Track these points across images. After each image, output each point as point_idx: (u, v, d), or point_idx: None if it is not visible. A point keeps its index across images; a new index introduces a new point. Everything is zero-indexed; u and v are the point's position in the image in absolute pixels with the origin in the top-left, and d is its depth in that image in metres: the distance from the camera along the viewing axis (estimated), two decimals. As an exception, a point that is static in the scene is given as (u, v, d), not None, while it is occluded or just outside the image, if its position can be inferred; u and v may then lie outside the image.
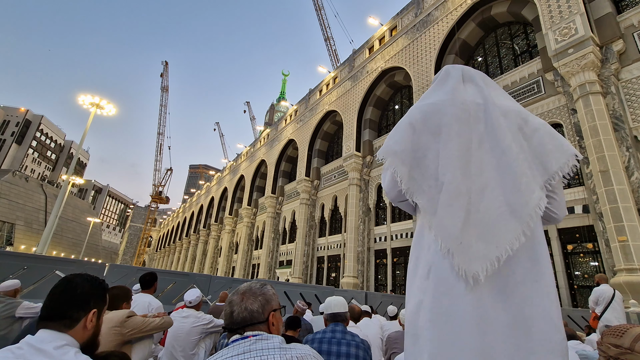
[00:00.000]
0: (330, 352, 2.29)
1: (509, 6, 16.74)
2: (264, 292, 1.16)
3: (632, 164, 11.21)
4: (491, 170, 1.12)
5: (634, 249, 10.05)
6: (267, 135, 40.04)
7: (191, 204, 64.05)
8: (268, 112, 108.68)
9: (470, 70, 1.35)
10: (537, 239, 1.07)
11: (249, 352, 0.99)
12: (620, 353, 1.00)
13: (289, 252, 29.78)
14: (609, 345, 1.05)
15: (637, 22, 12.37)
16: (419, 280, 1.13)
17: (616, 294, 5.71)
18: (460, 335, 0.98)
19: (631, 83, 12.08)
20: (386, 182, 1.31)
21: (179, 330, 3.11)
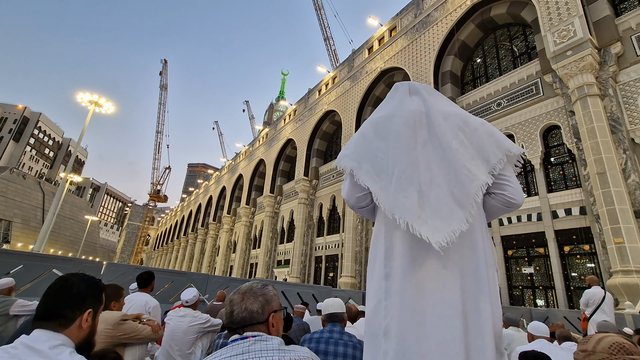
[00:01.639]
0: (327, 352, 2.30)
1: (508, 7, 16.78)
2: (264, 292, 1.15)
3: (629, 166, 11.26)
4: (436, 166, 1.23)
5: (630, 250, 10.10)
6: (266, 134, 40.02)
7: (189, 202, 63.96)
8: (267, 111, 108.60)
9: (416, 84, 1.47)
10: (476, 226, 1.18)
11: (248, 353, 0.98)
12: (586, 356, 1.10)
13: (287, 252, 29.79)
14: (578, 351, 1.17)
15: (635, 25, 12.43)
16: (377, 281, 1.21)
17: (607, 296, 5.75)
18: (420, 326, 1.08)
19: (629, 86, 12.14)
20: (345, 190, 1.41)
21: (176, 330, 3.11)
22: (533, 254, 14.01)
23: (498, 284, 1.23)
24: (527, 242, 14.16)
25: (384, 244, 1.24)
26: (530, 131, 14.64)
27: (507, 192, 1.24)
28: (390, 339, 1.10)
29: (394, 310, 1.13)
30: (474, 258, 1.16)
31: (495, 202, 1.27)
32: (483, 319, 1.09)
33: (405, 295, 1.13)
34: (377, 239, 1.30)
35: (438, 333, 1.06)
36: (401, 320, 1.10)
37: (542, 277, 13.55)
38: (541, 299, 13.49)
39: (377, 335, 1.14)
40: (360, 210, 1.42)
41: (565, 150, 13.73)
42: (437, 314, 1.09)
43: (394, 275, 1.17)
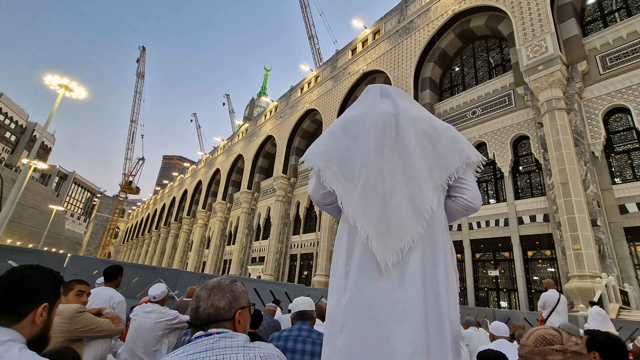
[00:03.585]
0: (295, 350, 2.31)
1: (486, 20, 17.42)
2: (233, 289, 1.13)
3: (588, 177, 12.00)
4: (399, 172, 1.27)
5: (586, 257, 10.78)
6: (246, 129, 39.45)
7: (163, 195, 62.02)
8: (248, 106, 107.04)
9: (388, 87, 1.50)
10: (436, 230, 1.23)
11: (212, 350, 0.96)
12: (521, 348, 1.21)
13: (262, 249, 29.53)
14: (520, 345, 1.27)
15: (599, 46, 13.24)
16: (338, 279, 1.23)
17: (561, 299, 6.12)
18: (377, 324, 1.10)
19: (592, 102, 12.93)
20: (311, 187, 1.42)
21: (141, 326, 3.02)
22: (499, 257, 14.66)
23: (458, 285, 1.27)
24: (494, 246, 14.79)
25: (346, 242, 1.26)
26: (501, 140, 15.28)
27: (466, 196, 1.29)
28: (345, 336, 1.12)
29: (350, 307, 1.15)
30: (434, 258, 1.20)
31: (454, 205, 1.32)
32: (442, 318, 1.12)
33: (363, 293, 1.15)
34: (340, 237, 1.32)
35: (397, 331, 1.08)
36: (357, 318, 1.13)
37: (507, 279, 14.20)
38: (505, 300, 14.14)
39: (335, 333, 1.16)
40: (325, 207, 1.44)
41: (533, 159, 14.44)
42: (396, 312, 1.11)
43: (353, 274, 1.19)
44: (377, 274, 1.16)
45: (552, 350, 0.98)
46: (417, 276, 1.15)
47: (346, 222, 1.28)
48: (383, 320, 1.11)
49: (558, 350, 0.97)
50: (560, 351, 0.97)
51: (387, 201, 1.23)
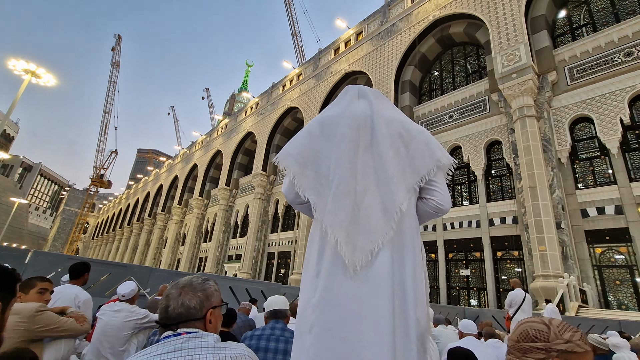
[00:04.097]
0: (268, 348, 2.30)
1: (465, 27, 17.95)
2: (204, 287, 1.10)
3: (555, 182, 12.65)
4: (372, 173, 1.29)
5: (550, 258, 11.37)
6: (226, 125, 38.76)
7: (136, 190, 59.90)
8: (228, 101, 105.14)
9: (365, 88, 1.53)
10: (405, 231, 1.26)
11: (180, 351, 0.93)
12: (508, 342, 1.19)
13: (239, 247, 29.16)
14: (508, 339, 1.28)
15: (567, 58, 13.97)
16: (309, 278, 1.24)
17: (526, 297, 6.44)
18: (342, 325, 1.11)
19: (559, 111, 13.62)
20: (285, 186, 1.43)
21: (109, 325, 2.91)
22: (470, 257, 15.19)
23: (427, 285, 1.31)
24: (466, 246, 15.31)
25: (318, 241, 1.27)
26: (476, 144, 15.82)
27: (436, 198, 1.32)
28: (314, 336, 1.13)
29: (320, 307, 1.15)
30: (403, 259, 1.22)
31: (425, 207, 1.35)
32: (408, 318, 1.15)
33: (333, 293, 1.16)
34: (313, 236, 1.32)
35: (365, 331, 1.10)
36: (326, 318, 1.13)
37: (477, 279, 14.75)
38: (475, 299, 14.68)
39: (304, 332, 1.16)
40: (298, 206, 1.45)
41: (504, 164, 15.05)
42: (364, 312, 1.12)
43: (324, 273, 1.20)
44: (347, 274, 1.17)
45: (532, 347, 0.89)
46: (386, 276, 1.17)
47: (319, 221, 1.29)
48: (351, 320, 1.12)
49: (540, 349, 0.88)
50: (543, 350, 0.87)
51: (360, 203, 1.24)
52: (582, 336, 0.89)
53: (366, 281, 1.16)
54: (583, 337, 0.89)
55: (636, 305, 10.87)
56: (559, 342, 0.87)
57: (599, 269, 11.83)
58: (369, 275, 1.17)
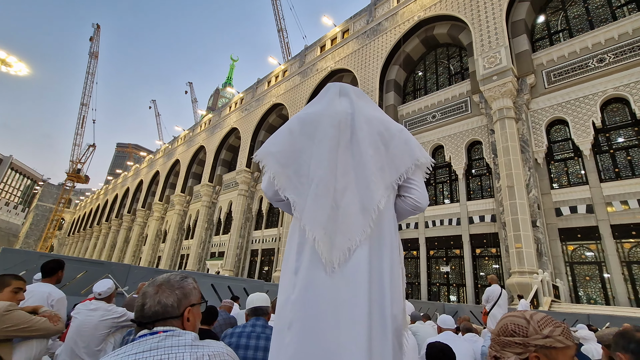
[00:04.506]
0: (248, 346, 2.30)
1: (449, 29, 18.27)
2: (182, 285, 1.07)
3: (531, 182, 13.10)
4: (352, 171, 1.30)
5: (526, 255, 11.79)
6: (209, 120, 38.11)
7: (115, 185, 58.16)
8: (212, 96, 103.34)
9: (347, 86, 1.54)
10: (383, 229, 1.28)
11: (157, 350, 0.90)
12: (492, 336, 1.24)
13: (222, 244, 28.82)
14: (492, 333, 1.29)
15: (545, 62, 14.45)
16: (288, 275, 1.25)
17: (502, 293, 6.68)
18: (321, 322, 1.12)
19: (537, 113, 14.10)
20: (264, 183, 1.42)
21: (84, 325, 2.83)
22: (451, 254, 15.57)
23: (404, 282, 1.33)
24: (446, 243, 15.68)
25: (297, 238, 1.27)
26: (457, 144, 16.18)
27: (414, 196, 1.35)
28: (293, 332, 1.13)
29: (299, 304, 1.15)
30: (380, 256, 1.24)
31: (403, 205, 1.38)
32: (385, 314, 1.17)
33: (312, 290, 1.16)
34: (292, 232, 1.32)
35: (342, 327, 1.11)
36: (305, 315, 1.14)
37: (456, 275, 15.14)
38: (454, 295, 15.07)
39: (283, 329, 1.17)
40: (278, 203, 1.44)
41: (484, 164, 15.47)
42: (342, 309, 1.14)
43: (303, 270, 1.20)
44: (326, 271, 1.18)
45: (511, 342, 0.89)
46: (364, 273, 1.18)
47: (298, 219, 1.29)
48: (329, 316, 1.13)
49: (518, 344, 0.87)
50: (521, 344, 0.87)
51: (339, 201, 1.25)
52: (563, 331, 0.87)
53: (344, 278, 1.18)
54: (565, 332, 0.87)
55: (604, 299, 11.43)
56: (537, 337, 0.86)
57: (571, 266, 12.37)
58: (346, 272, 1.18)
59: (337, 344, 1.10)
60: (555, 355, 0.85)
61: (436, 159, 17.36)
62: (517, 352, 0.88)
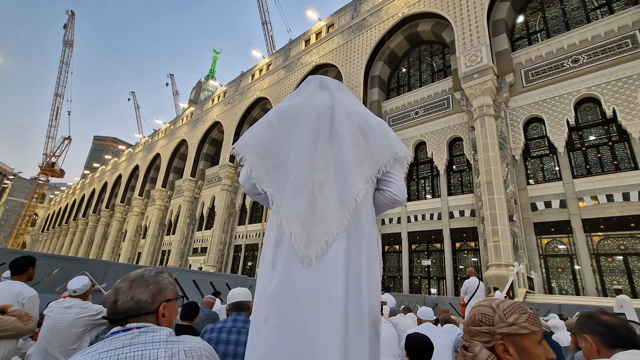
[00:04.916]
0: (229, 341, 2.29)
1: (432, 26, 18.48)
2: (157, 280, 1.04)
3: (509, 178, 13.52)
4: (331, 165, 1.31)
5: (503, 248, 12.21)
6: (191, 113, 37.29)
7: (93, 180, 56.22)
8: (194, 89, 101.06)
9: (327, 78, 1.54)
10: (362, 221, 1.29)
11: (129, 346, 0.87)
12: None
13: (204, 239, 28.43)
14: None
15: (524, 61, 14.87)
16: (265, 269, 1.24)
17: (480, 285, 6.91)
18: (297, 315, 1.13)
19: (515, 111, 14.52)
20: (242, 176, 1.42)
21: (59, 323, 2.74)
22: (432, 248, 15.93)
23: (380, 274, 1.34)
24: (428, 238, 16.02)
25: (275, 231, 1.26)
26: (439, 140, 16.48)
27: (392, 189, 1.35)
28: (269, 326, 1.13)
29: (275, 298, 1.15)
30: (358, 249, 1.24)
31: (382, 198, 1.38)
32: (362, 306, 1.18)
33: (289, 283, 1.16)
34: (270, 226, 1.32)
35: (318, 320, 1.12)
36: (281, 308, 1.14)
37: (437, 268, 15.53)
38: (434, 287, 15.46)
39: (259, 323, 1.16)
40: (256, 196, 1.44)
41: (464, 160, 15.84)
42: (319, 301, 1.14)
43: (280, 264, 1.20)
44: (303, 264, 1.18)
45: (479, 331, 0.91)
46: (341, 265, 1.19)
47: (276, 213, 1.29)
48: (306, 309, 1.13)
49: (484, 333, 0.89)
50: (487, 333, 0.89)
51: (317, 194, 1.25)
52: (529, 317, 0.88)
53: (321, 271, 1.18)
54: (531, 318, 0.88)
55: (574, 290, 12.00)
56: (502, 325, 0.87)
57: (545, 258, 12.90)
58: (324, 265, 1.19)
59: (314, 336, 1.10)
60: (521, 341, 0.86)
61: (419, 155, 17.64)
62: (484, 341, 0.89)
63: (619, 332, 1.27)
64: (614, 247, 11.61)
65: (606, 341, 1.27)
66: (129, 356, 0.86)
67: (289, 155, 1.31)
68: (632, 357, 1.16)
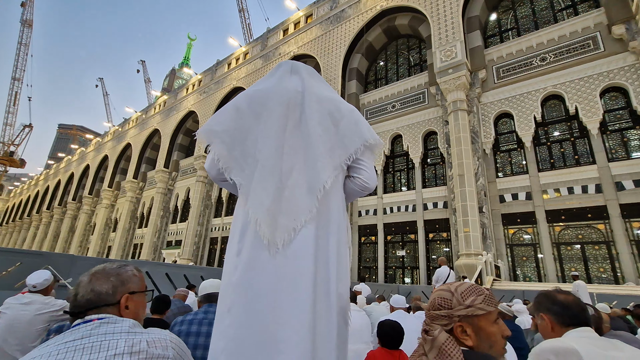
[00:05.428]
0: (200, 333, 2.25)
1: (409, 20, 18.67)
2: (119, 272, 1.01)
3: (479, 171, 14.05)
4: (300, 151, 1.29)
5: (473, 238, 12.72)
6: (164, 102, 35.92)
7: (57, 170, 53.21)
8: (168, 76, 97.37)
9: (298, 64, 1.51)
10: (331, 208, 1.29)
11: (89, 337, 0.84)
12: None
13: (179, 232, 27.76)
14: None
15: (496, 58, 15.36)
16: (231, 257, 1.22)
17: (450, 274, 7.17)
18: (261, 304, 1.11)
19: (487, 106, 15.02)
20: (208, 162, 1.38)
21: (17, 320, 2.59)
22: (406, 239, 16.37)
23: (350, 261, 1.35)
24: (403, 229, 16.43)
25: (242, 219, 1.24)
26: (415, 134, 16.82)
27: (362, 176, 1.35)
28: (233, 315, 1.11)
29: (239, 286, 1.13)
30: (327, 235, 1.24)
31: (352, 185, 1.38)
32: (330, 292, 1.18)
33: (254, 271, 1.14)
34: (237, 214, 1.30)
35: (285, 307, 1.11)
36: (245, 297, 1.12)
37: (411, 258, 15.99)
38: (408, 277, 15.94)
39: (223, 312, 1.14)
40: (222, 183, 1.41)
41: (438, 153, 16.28)
42: (285, 288, 1.13)
43: (245, 252, 1.18)
44: (270, 252, 1.17)
45: (438, 315, 0.94)
46: (309, 252, 1.18)
47: (244, 198, 1.26)
48: (271, 297, 1.11)
49: (443, 316, 0.93)
50: (446, 317, 0.93)
51: (285, 181, 1.23)
52: (485, 298, 0.92)
53: (288, 258, 1.17)
54: (487, 299, 0.92)
55: (537, 277, 12.74)
56: (459, 308, 0.91)
57: (511, 247, 13.58)
58: (291, 252, 1.17)
59: (278, 324, 1.09)
60: (478, 322, 0.91)
61: (395, 148, 17.95)
62: (443, 324, 0.93)
63: (573, 312, 1.32)
64: (572, 236, 12.40)
65: (560, 320, 1.33)
66: (87, 346, 0.82)
67: (257, 142, 1.28)
68: (582, 334, 1.24)
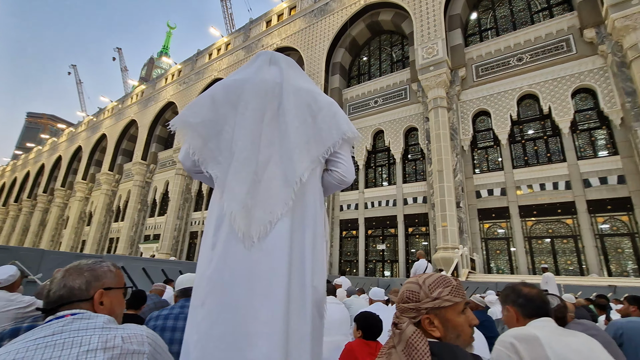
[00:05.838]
0: (176, 327, 2.22)
1: (393, 16, 18.78)
2: (93, 267, 0.98)
3: (458, 167, 14.42)
4: (277, 143, 1.28)
5: (450, 232, 13.10)
6: (142, 92, 34.73)
7: (26, 161, 50.63)
8: (146, 65, 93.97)
9: (278, 54, 1.49)
10: (308, 202, 1.28)
11: (61, 334, 0.81)
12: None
13: (157, 226, 27.12)
14: None
15: (475, 57, 15.72)
16: (205, 251, 1.21)
17: (428, 266, 7.38)
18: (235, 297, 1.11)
19: (466, 104, 15.39)
20: (182, 154, 1.34)
21: (-20, 317, 2.49)
22: (387, 233, 16.66)
23: (327, 255, 1.35)
24: (383, 223, 16.71)
25: (217, 211, 1.22)
26: (396, 129, 17.04)
27: (340, 169, 1.34)
28: (206, 309, 1.10)
29: (213, 280, 1.12)
30: (303, 228, 1.24)
31: (330, 178, 1.37)
32: (305, 285, 1.18)
33: (228, 264, 1.13)
34: (212, 207, 1.28)
35: (259, 300, 1.11)
36: (219, 290, 1.11)
37: (391, 252, 16.31)
38: (388, 270, 16.26)
39: (197, 306, 1.13)
40: (197, 175, 1.38)
41: (419, 149, 16.58)
42: (259, 281, 1.13)
43: (220, 245, 1.17)
44: (245, 245, 1.16)
45: (406, 308, 0.96)
46: (284, 245, 1.18)
47: (219, 190, 1.25)
48: (244, 290, 1.11)
49: (411, 309, 0.94)
50: (414, 309, 0.94)
51: (261, 174, 1.22)
52: (452, 290, 0.93)
53: (263, 251, 1.16)
54: (454, 291, 0.93)
55: (509, 269, 13.29)
56: (427, 300, 0.93)
57: (486, 241, 14.08)
58: (266, 245, 1.17)
59: (251, 317, 1.09)
60: (445, 313, 0.92)
61: (376, 144, 18.13)
62: (411, 317, 0.95)
63: (536, 304, 1.42)
64: (543, 230, 12.98)
65: (524, 311, 1.42)
66: (58, 343, 0.80)
67: (234, 134, 1.25)
68: (543, 324, 1.34)
